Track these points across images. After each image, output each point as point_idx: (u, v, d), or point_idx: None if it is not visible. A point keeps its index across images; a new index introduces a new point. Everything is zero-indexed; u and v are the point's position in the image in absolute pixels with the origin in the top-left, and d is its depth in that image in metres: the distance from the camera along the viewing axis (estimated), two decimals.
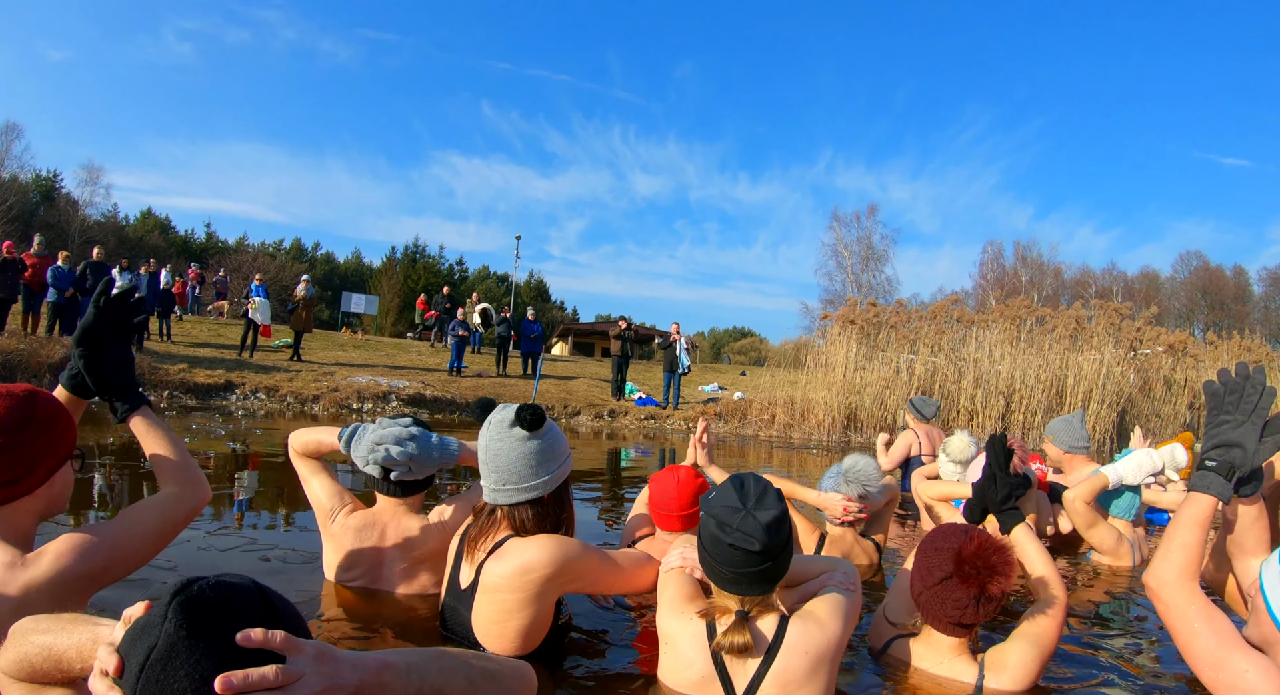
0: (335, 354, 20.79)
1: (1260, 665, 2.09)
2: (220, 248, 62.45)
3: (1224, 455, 2.32)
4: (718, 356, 63.77)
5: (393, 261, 67.66)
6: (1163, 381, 23.22)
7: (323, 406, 14.89)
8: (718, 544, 2.16)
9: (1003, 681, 2.51)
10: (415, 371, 19.22)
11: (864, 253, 57.58)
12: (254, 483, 6.37)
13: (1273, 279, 73.46)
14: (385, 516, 3.13)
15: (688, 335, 21.08)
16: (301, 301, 18.71)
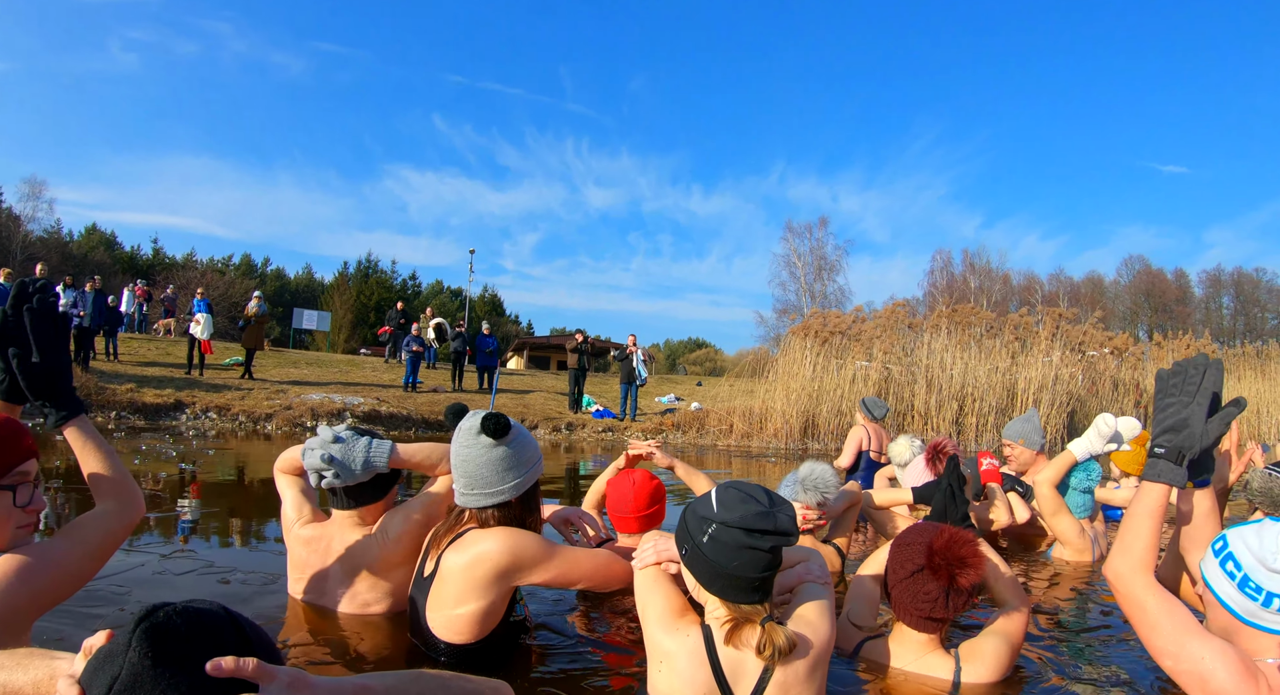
0: (288, 372, 20.47)
1: (1216, 649, 2.16)
2: (167, 264, 61.28)
3: (1172, 440, 2.35)
4: (674, 368, 64.04)
5: (345, 277, 67.07)
6: (1109, 382, 23.78)
7: (275, 426, 14.64)
8: (748, 553, 2.10)
9: (979, 672, 2.56)
10: (370, 388, 19.00)
11: (817, 263, 58.43)
12: (209, 504, 6.22)
13: (1212, 281, 75.88)
14: (332, 530, 3.08)
15: (644, 347, 21.12)
16: (253, 318, 18.36)
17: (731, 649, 2.12)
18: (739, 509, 2.13)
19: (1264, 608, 2.16)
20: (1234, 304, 75.89)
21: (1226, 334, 67.18)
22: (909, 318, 22.56)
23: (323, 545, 3.07)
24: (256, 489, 7.29)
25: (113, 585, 3.51)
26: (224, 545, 4.57)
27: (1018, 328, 22.38)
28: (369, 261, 70.27)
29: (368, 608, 3.04)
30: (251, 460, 9.83)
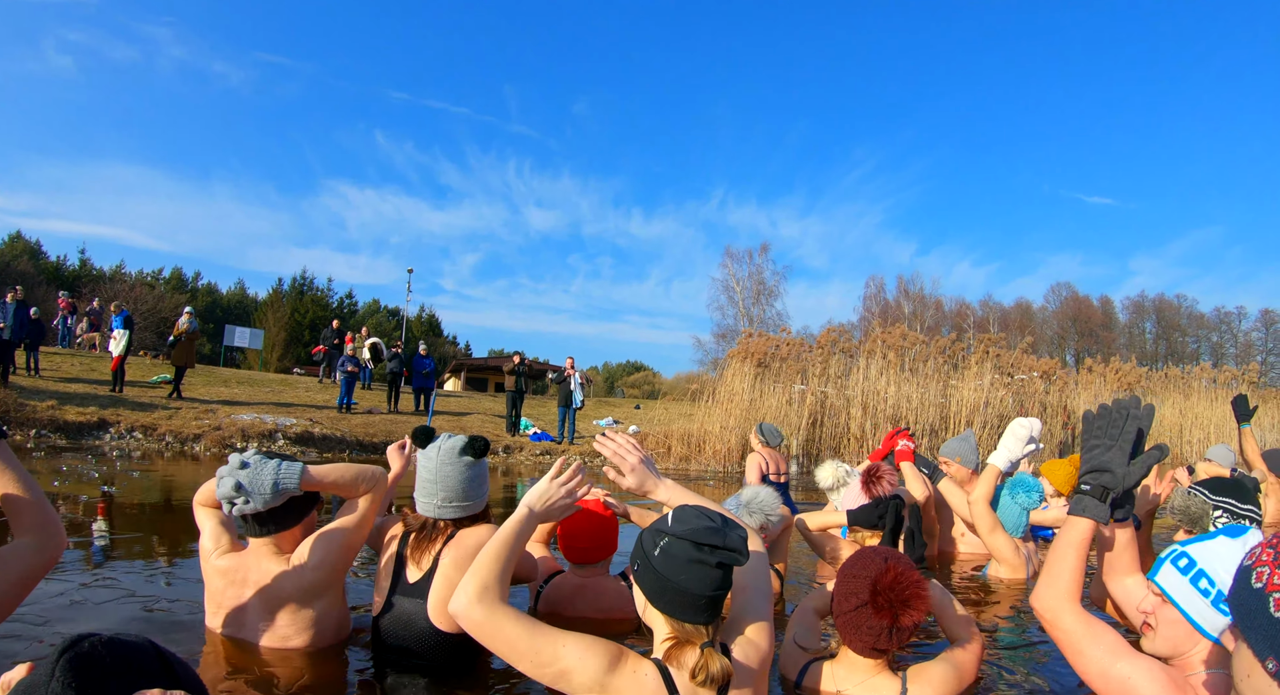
0: (218, 390, 19.97)
1: (1143, 668, 2.26)
2: (95, 276, 59.65)
3: (1097, 479, 2.48)
4: (612, 390, 63.96)
5: (279, 294, 65.87)
6: (1038, 404, 24.50)
7: (204, 446, 14.28)
8: (697, 567, 2.07)
9: (926, 693, 2.59)
10: (303, 409, 18.66)
11: (755, 288, 59.16)
12: (132, 529, 6.04)
13: (1136, 307, 79.05)
14: (249, 560, 3.00)
15: (582, 370, 21.14)
16: (183, 335, 17.80)
17: (688, 681, 2.08)
18: (691, 523, 2.13)
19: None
20: (1156, 329, 79.39)
21: (1149, 358, 69.75)
22: (844, 343, 22.92)
23: (239, 576, 2.99)
24: (182, 513, 7.01)
25: (30, 614, 3.40)
26: (147, 573, 4.39)
27: (946, 351, 22.93)
28: (305, 278, 69.14)
29: (288, 641, 2.96)
30: (178, 483, 9.57)
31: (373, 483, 3.07)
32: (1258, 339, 77.40)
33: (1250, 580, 1.41)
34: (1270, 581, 1.36)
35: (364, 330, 24.82)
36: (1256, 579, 1.39)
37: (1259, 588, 1.38)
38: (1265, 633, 1.35)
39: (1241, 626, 1.41)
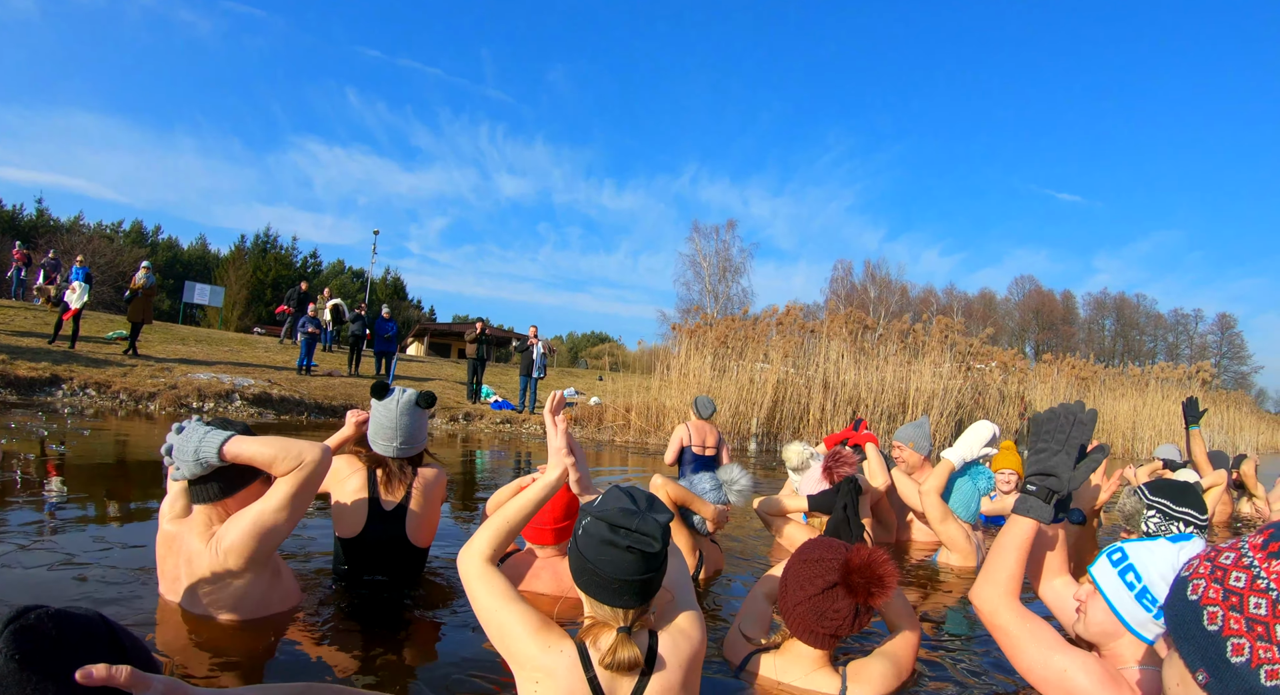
0: (175, 348, 19.70)
1: (1079, 662, 2.37)
2: (51, 226, 58.34)
3: (1043, 482, 2.58)
4: (575, 361, 63.91)
5: (242, 251, 64.91)
6: (996, 394, 24.87)
7: (159, 405, 14.08)
8: (609, 549, 2.11)
9: (864, 691, 2.62)
10: (262, 369, 18.40)
11: (721, 265, 59.26)
12: (79, 489, 5.87)
13: (1097, 304, 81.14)
14: (185, 528, 2.96)
15: (546, 339, 21.06)
16: (140, 290, 17.41)
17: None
18: (611, 504, 2.17)
19: (1154, 620, 2.35)
20: (1115, 327, 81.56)
21: (1107, 354, 71.46)
22: (803, 321, 23.03)
23: (175, 545, 2.97)
24: (134, 474, 6.97)
25: None
26: (91, 537, 4.29)
27: (905, 335, 23.17)
28: (268, 236, 68.32)
29: (213, 615, 2.93)
30: (131, 442, 9.45)
31: (296, 462, 2.91)
32: (1213, 342, 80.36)
33: (1186, 592, 1.44)
34: (1205, 595, 1.39)
35: (326, 291, 24.47)
36: (1192, 591, 1.42)
37: (1194, 600, 1.41)
38: (1198, 645, 1.39)
39: (1175, 636, 1.44)
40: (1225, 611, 1.35)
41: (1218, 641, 1.35)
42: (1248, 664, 1.31)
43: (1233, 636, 1.33)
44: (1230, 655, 1.33)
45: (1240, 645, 1.32)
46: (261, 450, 2.90)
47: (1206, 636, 1.37)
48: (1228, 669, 1.33)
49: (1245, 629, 1.32)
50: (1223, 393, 37.41)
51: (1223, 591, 1.36)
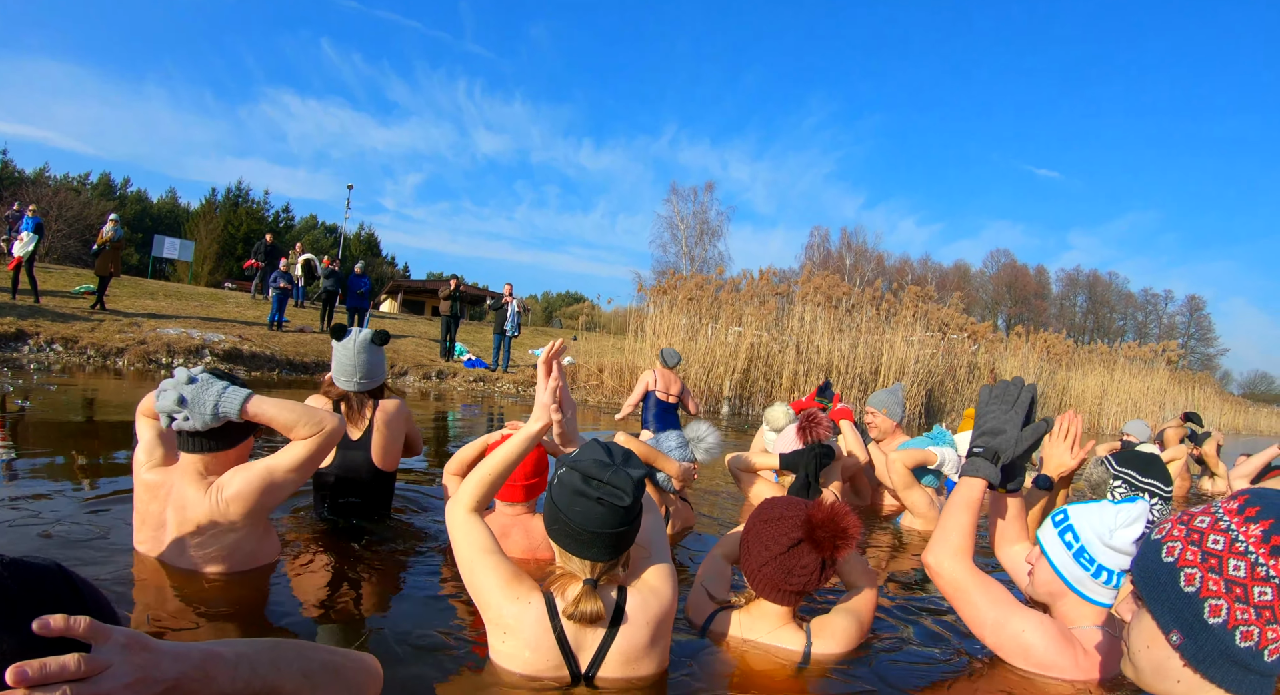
0: (144, 303, 19.44)
1: (1034, 622, 2.48)
2: (16, 178, 56.97)
3: (989, 442, 2.65)
4: (550, 320, 63.81)
5: (212, 204, 63.71)
6: (967, 364, 25.17)
7: (127, 361, 13.93)
8: (581, 500, 2.14)
9: (829, 645, 2.67)
10: (232, 325, 18.25)
11: (699, 227, 59.19)
12: (43, 446, 5.84)
13: (1070, 280, 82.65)
14: (174, 477, 2.95)
15: (520, 298, 21.00)
16: (108, 243, 17.08)
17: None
18: (586, 455, 2.22)
19: (1093, 578, 2.46)
20: (1087, 304, 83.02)
21: (1078, 330, 72.74)
22: (776, 286, 23.06)
23: (162, 492, 2.95)
24: (102, 430, 6.88)
25: None
26: (54, 493, 4.22)
27: (879, 303, 23.29)
28: (240, 190, 66.98)
29: (200, 566, 2.93)
30: (99, 398, 9.38)
31: (317, 427, 2.96)
32: (1181, 323, 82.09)
33: (1161, 554, 1.46)
34: (1182, 557, 1.41)
35: (298, 246, 24.21)
36: (1168, 553, 1.44)
37: (1170, 562, 1.43)
38: (1172, 606, 1.41)
39: (1147, 598, 1.46)
40: (1204, 573, 1.38)
41: (1195, 603, 1.38)
42: (1224, 625, 1.35)
43: (1210, 598, 1.37)
44: (1208, 616, 1.37)
45: (1218, 606, 1.36)
46: (282, 413, 2.93)
47: (1183, 598, 1.40)
48: (1204, 630, 1.37)
49: (1224, 590, 1.35)
50: (1188, 373, 38.27)
51: (1201, 554, 1.39)
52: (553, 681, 2.20)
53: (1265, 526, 1.34)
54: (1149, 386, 31.57)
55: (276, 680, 1.27)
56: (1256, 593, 1.33)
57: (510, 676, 2.22)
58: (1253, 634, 1.33)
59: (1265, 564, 1.32)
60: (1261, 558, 1.33)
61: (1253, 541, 1.34)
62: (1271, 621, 1.32)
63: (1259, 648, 1.33)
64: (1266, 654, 1.34)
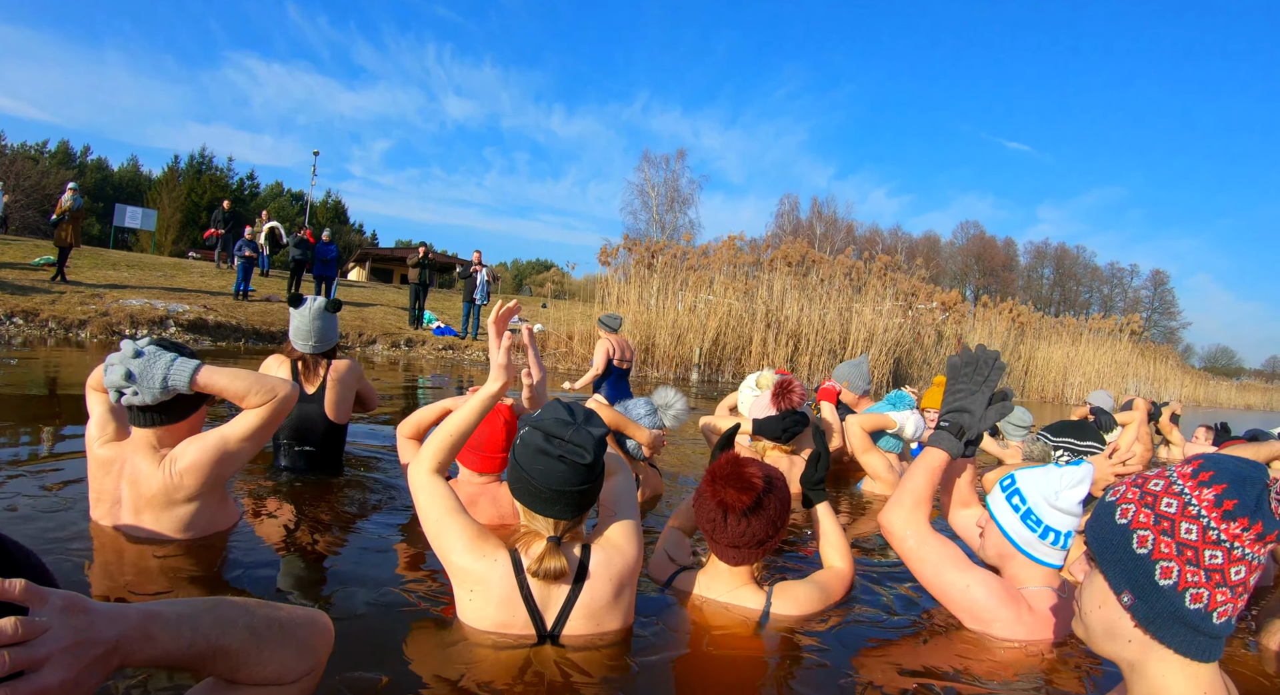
0: (106, 274, 19.09)
1: (979, 578, 2.58)
2: None
3: (956, 419, 2.74)
4: (520, 288, 63.57)
5: (175, 172, 62.46)
6: (934, 334, 25.49)
7: (90, 333, 13.77)
8: (543, 458, 2.19)
9: (788, 607, 2.73)
10: (197, 294, 18.02)
11: (670, 195, 58.99)
12: (6, 419, 5.79)
13: (1038, 253, 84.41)
14: (127, 451, 2.93)
15: (490, 265, 20.91)
16: (67, 213, 16.73)
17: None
18: (549, 415, 2.26)
19: (1040, 539, 2.56)
20: (1054, 276, 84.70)
21: (1044, 302, 74.04)
22: (746, 254, 23.09)
23: (116, 467, 2.93)
24: (64, 404, 6.88)
25: None
26: (15, 467, 4.19)
27: (849, 271, 23.42)
28: (203, 157, 65.69)
29: (156, 538, 2.93)
30: (62, 371, 9.27)
31: (269, 395, 2.96)
32: (1145, 297, 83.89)
33: (1114, 516, 1.49)
34: (1135, 519, 1.45)
35: (264, 214, 23.81)
36: (1121, 515, 1.48)
37: (1123, 524, 1.47)
38: (1124, 568, 1.46)
39: (1100, 559, 1.51)
40: (1156, 536, 1.42)
41: (1146, 564, 1.43)
42: (1175, 586, 1.40)
43: (1162, 560, 1.41)
44: (1159, 578, 1.41)
45: (1169, 568, 1.40)
46: (233, 382, 2.91)
47: (1135, 559, 1.44)
48: (1155, 591, 1.42)
49: (1175, 553, 1.40)
50: (1151, 346, 39.09)
51: (1154, 516, 1.43)
52: (520, 639, 2.25)
53: (1218, 491, 1.38)
54: (1113, 358, 32.32)
55: (220, 639, 1.25)
56: (1207, 556, 1.37)
57: (477, 635, 2.26)
58: (1202, 596, 1.38)
59: (1217, 528, 1.37)
60: (1213, 522, 1.37)
61: (1205, 506, 1.38)
62: (1221, 584, 1.37)
63: (1208, 610, 1.38)
64: (1215, 616, 1.38)
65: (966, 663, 2.45)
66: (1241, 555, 1.37)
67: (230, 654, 1.27)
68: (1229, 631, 1.42)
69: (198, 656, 1.21)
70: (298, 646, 1.41)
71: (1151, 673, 1.46)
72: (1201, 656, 1.42)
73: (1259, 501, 1.36)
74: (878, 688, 2.29)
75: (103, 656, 1.05)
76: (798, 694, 2.24)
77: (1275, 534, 1.37)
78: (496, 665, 2.16)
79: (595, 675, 2.17)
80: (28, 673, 0.96)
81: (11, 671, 0.94)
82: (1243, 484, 1.38)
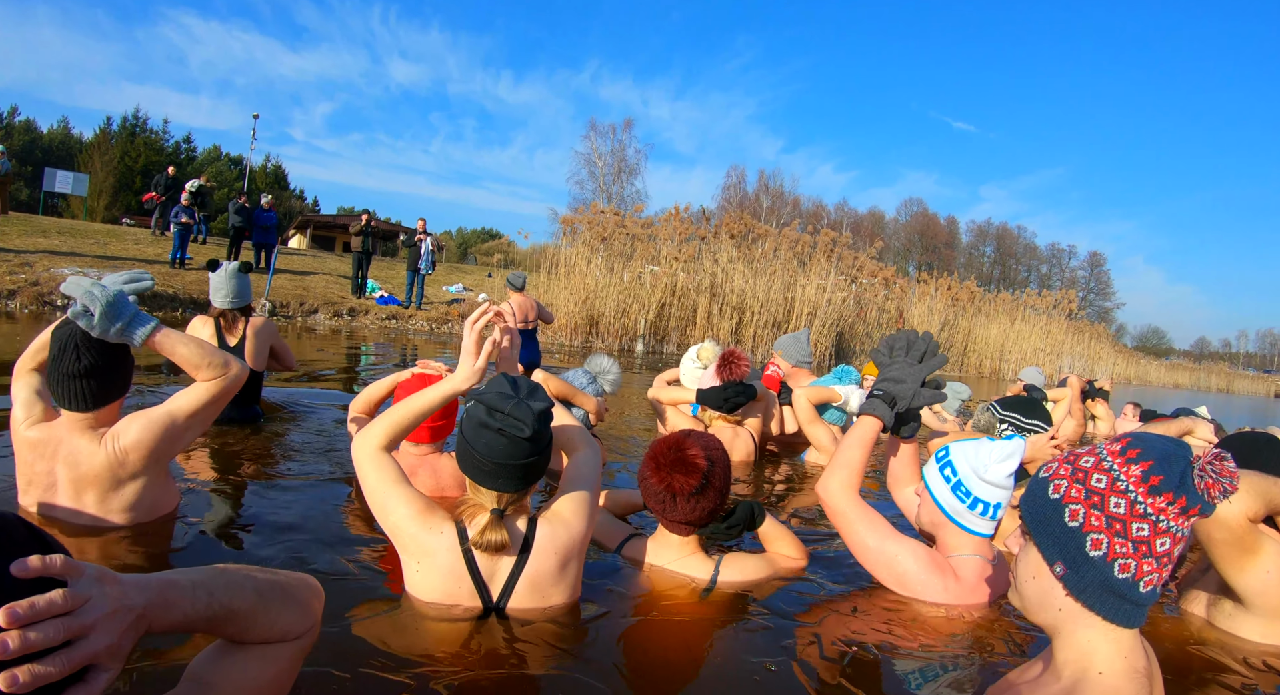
0: (36, 241, 18.41)
1: (908, 548, 2.72)
2: None
3: (890, 387, 2.85)
4: (464, 257, 62.96)
5: (108, 135, 60.41)
6: (876, 309, 25.92)
7: (20, 303, 13.40)
8: (485, 432, 2.22)
9: (734, 575, 2.83)
10: (132, 263, 17.53)
11: (617, 165, 58.81)
12: None
13: (979, 231, 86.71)
14: (59, 431, 2.80)
15: (434, 234, 20.69)
16: None
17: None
18: (492, 389, 2.29)
19: (970, 510, 2.68)
20: (994, 254, 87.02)
21: (985, 280, 76.11)
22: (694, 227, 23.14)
23: (49, 449, 2.79)
24: None
25: None
26: None
27: (795, 245, 23.63)
28: (138, 119, 63.44)
29: (99, 522, 2.84)
30: None
31: (222, 369, 2.91)
32: (1082, 277, 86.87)
33: (1048, 491, 1.59)
34: (1067, 494, 1.55)
35: (202, 177, 23.03)
36: (1054, 491, 1.58)
37: (1055, 498, 1.57)
38: (1057, 539, 1.56)
39: (1034, 532, 1.61)
40: (1087, 509, 1.52)
41: (1078, 537, 1.53)
42: (1104, 557, 1.50)
43: (1092, 532, 1.51)
44: (1089, 549, 1.51)
45: (1099, 540, 1.50)
46: (190, 350, 2.85)
47: (1067, 532, 1.55)
48: (1085, 561, 1.52)
49: (1105, 526, 1.50)
50: (1086, 324, 40.19)
51: (1085, 491, 1.53)
52: (467, 612, 2.30)
53: (1145, 468, 1.48)
54: (1048, 336, 33.24)
55: (232, 602, 1.31)
56: (1134, 529, 1.47)
57: (425, 607, 2.30)
58: (1130, 566, 1.48)
59: (1144, 502, 1.47)
60: (1140, 496, 1.47)
61: (1133, 481, 1.48)
62: (1147, 555, 1.48)
63: (1135, 579, 1.49)
64: (1141, 585, 1.49)
65: (901, 627, 2.57)
66: (1167, 528, 1.47)
67: (241, 615, 1.34)
68: (1154, 599, 1.53)
69: (213, 619, 1.28)
70: (298, 606, 1.49)
71: (1079, 638, 1.56)
72: (1127, 622, 1.52)
73: (1183, 478, 1.46)
74: (818, 650, 2.40)
75: (134, 622, 1.10)
76: (741, 659, 2.32)
77: (1198, 508, 1.46)
78: (443, 637, 2.20)
79: (541, 646, 2.22)
80: (77, 640, 1.01)
81: (65, 639, 0.99)
82: (1168, 461, 1.48)
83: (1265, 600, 2.63)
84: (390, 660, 2.08)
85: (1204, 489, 1.46)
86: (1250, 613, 2.70)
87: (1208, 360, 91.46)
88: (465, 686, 2.00)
